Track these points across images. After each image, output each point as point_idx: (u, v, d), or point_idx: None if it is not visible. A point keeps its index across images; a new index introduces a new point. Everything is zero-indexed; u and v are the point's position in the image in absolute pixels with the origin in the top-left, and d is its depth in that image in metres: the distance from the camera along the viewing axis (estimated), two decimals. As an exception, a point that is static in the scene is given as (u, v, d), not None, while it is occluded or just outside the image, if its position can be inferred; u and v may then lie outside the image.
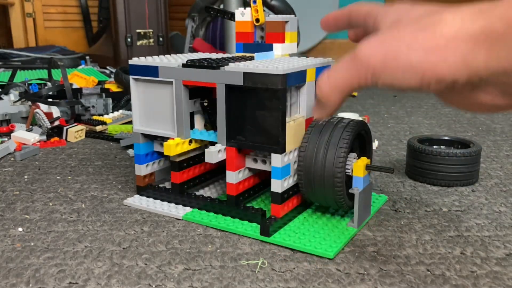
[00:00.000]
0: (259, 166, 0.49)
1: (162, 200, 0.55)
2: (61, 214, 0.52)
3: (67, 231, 0.48)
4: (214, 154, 0.48)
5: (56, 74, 1.15)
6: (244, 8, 0.55)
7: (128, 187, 0.61)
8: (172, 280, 0.39)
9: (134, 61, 0.52)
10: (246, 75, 0.44)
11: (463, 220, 0.51)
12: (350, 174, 0.47)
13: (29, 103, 0.91)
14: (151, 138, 0.55)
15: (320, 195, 0.47)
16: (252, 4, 0.53)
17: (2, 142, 0.79)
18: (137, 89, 0.53)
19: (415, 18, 0.32)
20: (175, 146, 0.49)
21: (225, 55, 0.56)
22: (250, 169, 0.51)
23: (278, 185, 0.46)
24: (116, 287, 0.38)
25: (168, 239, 0.46)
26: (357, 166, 0.46)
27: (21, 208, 0.54)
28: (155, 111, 0.52)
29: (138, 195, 0.56)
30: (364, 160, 0.46)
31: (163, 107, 0.51)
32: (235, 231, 0.47)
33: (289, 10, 1.38)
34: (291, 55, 0.55)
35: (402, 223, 0.50)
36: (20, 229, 0.48)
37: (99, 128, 0.89)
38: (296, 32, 0.53)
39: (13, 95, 0.94)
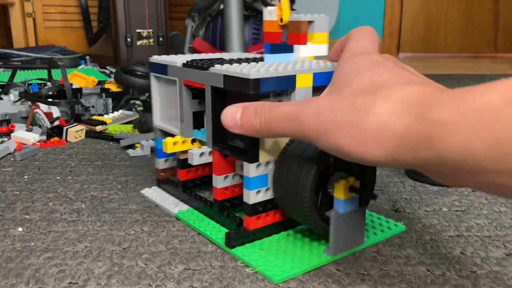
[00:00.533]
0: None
1: (171, 195, 0.56)
2: (61, 214, 0.52)
3: (67, 231, 0.48)
4: (196, 156, 0.47)
5: (56, 74, 1.16)
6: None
7: (128, 187, 0.61)
8: (172, 280, 0.39)
9: (154, 58, 0.54)
10: (226, 77, 0.43)
11: (463, 220, 0.51)
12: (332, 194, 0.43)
13: (29, 103, 0.91)
14: (169, 134, 0.55)
15: (292, 213, 0.44)
16: (277, 3, 0.50)
17: (2, 142, 0.79)
18: (156, 86, 0.55)
19: (353, 93, 0.32)
20: (172, 144, 0.50)
21: (235, 56, 0.55)
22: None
23: (248, 196, 0.44)
24: (116, 287, 0.38)
25: (168, 239, 0.46)
26: (338, 187, 0.41)
27: (21, 208, 0.54)
28: (168, 109, 0.54)
29: (156, 187, 0.59)
30: (350, 181, 0.41)
31: (172, 105, 0.52)
32: (209, 237, 0.46)
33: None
34: (317, 57, 0.49)
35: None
36: (20, 229, 0.48)
37: (99, 128, 0.89)
38: (327, 33, 0.49)
39: (13, 95, 0.94)
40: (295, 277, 0.39)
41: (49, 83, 1.02)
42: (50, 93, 0.96)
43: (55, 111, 0.89)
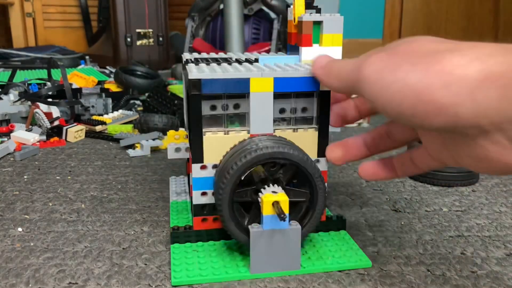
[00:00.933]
0: None
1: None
2: (61, 214, 0.52)
3: (67, 231, 0.48)
4: (171, 151, 0.48)
5: (56, 74, 1.15)
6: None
7: (128, 187, 0.61)
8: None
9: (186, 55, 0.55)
10: (187, 79, 0.43)
11: (464, 220, 0.51)
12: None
13: (29, 103, 0.91)
14: None
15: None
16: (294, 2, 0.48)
17: (2, 142, 0.79)
18: None
19: (429, 41, 0.29)
20: (173, 137, 0.50)
21: (236, 56, 0.54)
22: None
23: (193, 196, 0.43)
24: (116, 287, 0.38)
25: (168, 239, 0.46)
26: (264, 201, 0.38)
27: (20, 208, 0.54)
28: None
29: (183, 176, 0.62)
30: (279, 196, 0.38)
31: None
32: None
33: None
34: None
35: (403, 223, 0.50)
36: (19, 229, 0.48)
37: (98, 128, 0.89)
38: (341, 34, 0.46)
39: (13, 95, 0.94)
40: (190, 284, 0.38)
41: (48, 83, 1.02)
42: (50, 93, 0.96)
43: (55, 111, 0.89)
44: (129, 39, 1.75)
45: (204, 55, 0.55)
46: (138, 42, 1.77)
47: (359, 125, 0.96)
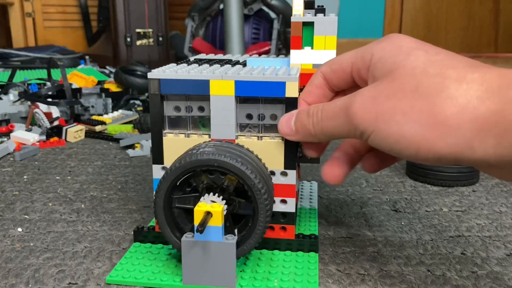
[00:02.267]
0: None
1: None
2: (61, 214, 0.52)
3: (67, 231, 0.48)
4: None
5: (56, 74, 1.15)
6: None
7: (128, 187, 0.61)
8: (172, 280, 0.39)
9: None
10: (149, 78, 0.42)
11: (464, 220, 0.50)
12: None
13: (29, 103, 0.91)
14: None
15: None
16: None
17: (2, 142, 0.79)
18: None
19: (414, 74, 0.28)
20: None
21: (228, 57, 0.54)
22: None
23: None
24: (116, 287, 0.38)
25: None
26: (195, 210, 0.36)
27: (20, 208, 0.54)
28: None
29: None
30: (213, 207, 0.35)
31: None
32: None
33: (289, 10, 1.38)
34: (318, 66, 0.42)
35: (403, 223, 0.50)
36: (19, 229, 0.48)
37: (98, 128, 0.89)
38: (335, 36, 0.43)
39: (13, 95, 0.94)
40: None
41: (48, 83, 1.02)
42: (50, 93, 0.96)
43: (55, 111, 0.89)
44: (129, 39, 1.75)
45: (205, 56, 0.55)
46: (138, 42, 1.77)
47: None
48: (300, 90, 0.42)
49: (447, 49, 0.30)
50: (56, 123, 0.86)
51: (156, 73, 0.40)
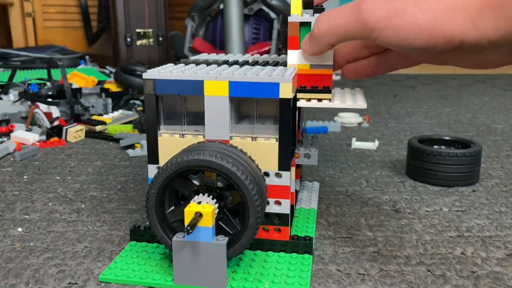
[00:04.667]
0: None
1: None
2: (61, 214, 0.52)
3: (67, 231, 0.48)
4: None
5: (56, 74, 1.15)
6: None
7: (128, 187, 0.61)
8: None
9: None
10: (144, 78, 0.42)
11: (464, 220, 0.50)
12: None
13: (29, 103, 0.91)
14: None
15: None
16: None
17: (2, 142, 0.79)
18: None
19: None
20: None
21: (231, 58, 0.53)
22: None
23: None
24: (116, 287, 0.38)
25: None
26: (185, 210, 0.36)
27: (20, 208, 0.54)
28: None
29: None
30: (204, 207, 0.35)
31: None
32: None
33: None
34: (316, 66, 0.42)
35: (403, 223, 0.50)
36: (19, 229, 0.48)
37: (98, 128, 0.89)
38: None
39: (13, 95, 0.94)
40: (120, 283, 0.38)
41: (48, 83, 1.02)
42: (50, 93, 0.96)
43: (55, 111, 0.89)
44: (129, 39, 1.75)
45: (205, 56, 0.55)
46: (138, 42, 1.77)
47: (359, 125, 0.96)
48: (298, 90, 0.42)
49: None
50: (56, 123, 0.86)
51: (151, 74, 0.40)
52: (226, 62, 0.47)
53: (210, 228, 0.36)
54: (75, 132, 0.84)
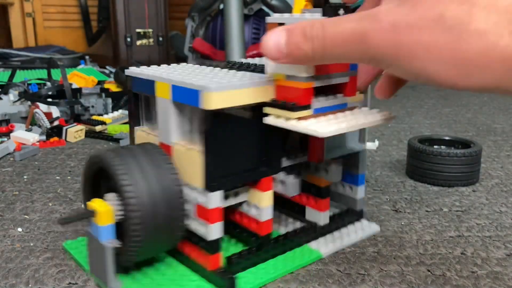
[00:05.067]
0: None
1: None
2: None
3: (67, 231, 0.48)
4: None
5: (56, 74, 1.15)
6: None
7: (128, 187, 0.61)
8: (172, 280, 0.39)
9: None
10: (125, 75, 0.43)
11: (464, 220, 0.50)
12: None
13: (29, 103, 0.91)
14: None
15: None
16: None
17: (2, 142, 0.79)
18: None
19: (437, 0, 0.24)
20: None
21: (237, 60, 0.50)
22: None
23: None
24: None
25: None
26: (87, 204, 0.36)
27: (20, 208, 0.54)
28: None
29: None
30: (101, 206, 0.35)
31: None
32: None
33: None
34: (292, 77, 0.36)
35: (403, 223, 0.50)
36: (19, 229, 0.48)
37: (98, 128, 0.89)
38: None
39: (13, 95, 0.94)
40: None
41: (48, 83, 1.02)
42: (50, 93, 0.96)
43: (55, 111, 0.89)
44: (129, 39, 1.74)
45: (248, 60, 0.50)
46: (138, 42, 1.77)
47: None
48: (268, 104, 0.36)
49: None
50: (56, 123, 0.86)
51: (130, 70, 0.41)
52: (234, 65, 0.45)
53: (103, 227, 0.35)
54: (75, 132, 0.84)
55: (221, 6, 1.38)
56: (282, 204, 0.48)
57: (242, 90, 0.35)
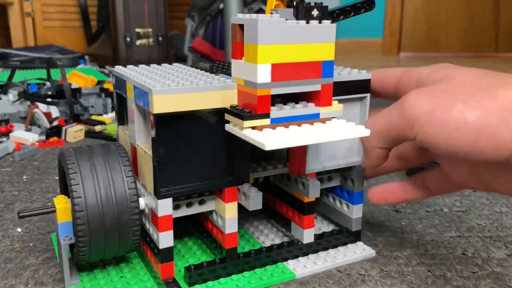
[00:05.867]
0: None
1: None
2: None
3: (66, 231, 0.48)
4: None
5: (55, 73, 1.15)
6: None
7: (128, 187, 0.60)
8: (171, 281, 0.39)
9: None
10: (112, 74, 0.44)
11: (464, 220, 0.50)
12: None
13: (28, 103, 0.91)
14: None
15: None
16: None
17: (1, 142, 0.79)
18: None
19: (471, 76, 0.28)
20: None
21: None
22: None
23: None
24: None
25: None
26: (54, 199, 0.36)
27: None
28: None
29: None
30: (59, 203, 0.36)
31: None
32: None
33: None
34: (249, 83, 0.33)
35: (403, 223, 0.49)
36: (19, 229, 0.48)
37: (98, 128, 0.89)
38: (268, 45, 0.31)
39: (12, 95, 0.94)
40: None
41: (48, 83, 1.01)
42: (49, 93, 0.96)
43: (54, 111, 0.89)
44: (128, 39, 1.74)
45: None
46: (138, 42, 1.77)
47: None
48: (227, 110, 0.34)
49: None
50: (55, 123, 0.86)
51: (114, 69, 0.41)
52: (219, 67, 0.43)
53: (61, 223, 0.35)
54: (74, 132, 0.84)
55: (221, 6, 1.38)
56: (271, 216, 0.47)
57: (194, 94, 0.33)
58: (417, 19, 2.59)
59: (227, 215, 0.37)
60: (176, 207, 0.37)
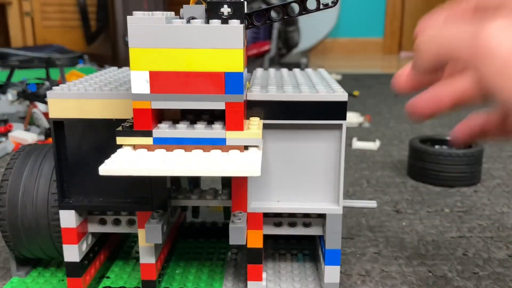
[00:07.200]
0: None
1: None
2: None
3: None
4: None
5: (54, 73, 1.15)
6: None
7: (127, 187, 0.60)
8: (171, 282, 0.38)
9: None
10: None
11: (465, 221, 0.50)
12: None
13: (27, 102, 0.91)
14: None
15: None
16: None
17: (0, 142, 0.78)
18: None
19: None
20: None
21: None
22: None
23: None
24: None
25: (167, 240, 0.45)
26: None
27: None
28: None
29: None
30: None
31: None
32: None
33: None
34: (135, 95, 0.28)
35: (404, 224, 0.49)
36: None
37: (97, 127, 0.89)
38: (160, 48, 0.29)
39: (11, 94, 0.93)
40: None
41: (47, 83, 1.01)
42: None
43: (53, 111, 0.88)
44: (127, 39, 1.74)
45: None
46: (137, 41, 1.77)
47: (360, 125, 0.96)
48: (122, 126, 0.30)
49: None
50: (54, 122, 0.85)
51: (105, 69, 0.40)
52: None
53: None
54: (73, 132, 0.83)
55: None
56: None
57: (93, 100, 0.30)
58: (417, 18, 2.58)
59: (140, 242, 0.33)
60: (101, 221, 0.35)
